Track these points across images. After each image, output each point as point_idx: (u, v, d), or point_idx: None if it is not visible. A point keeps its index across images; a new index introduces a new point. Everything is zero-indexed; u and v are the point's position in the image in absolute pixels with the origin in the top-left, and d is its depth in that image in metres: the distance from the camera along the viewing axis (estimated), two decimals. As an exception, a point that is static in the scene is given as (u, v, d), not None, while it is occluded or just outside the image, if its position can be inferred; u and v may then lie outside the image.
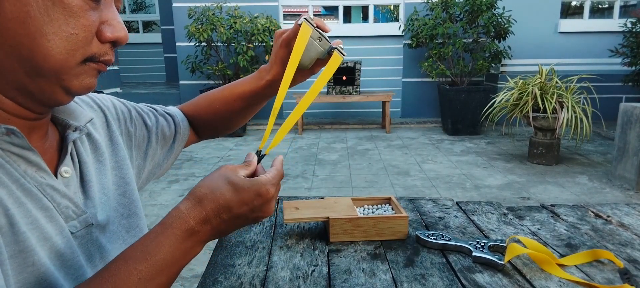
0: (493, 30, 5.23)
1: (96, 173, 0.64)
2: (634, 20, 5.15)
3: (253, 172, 0.61)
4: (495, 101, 4.27)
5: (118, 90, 6.61)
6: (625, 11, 6.22)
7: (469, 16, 5.26)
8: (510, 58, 5.49)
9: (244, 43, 5.29)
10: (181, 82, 6.35)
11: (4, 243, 0.48)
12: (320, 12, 14.32)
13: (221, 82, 5.61)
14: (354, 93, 5.57)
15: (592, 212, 1.05)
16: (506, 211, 1.06)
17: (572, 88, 4.00)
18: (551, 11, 5.99)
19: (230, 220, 0.57)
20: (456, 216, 1.03)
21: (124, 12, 8.55)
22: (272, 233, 0.94)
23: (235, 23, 5.20)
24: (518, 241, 0.84)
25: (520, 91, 4.07)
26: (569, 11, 6.83)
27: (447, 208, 1.08)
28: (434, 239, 0.86)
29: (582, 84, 4.13)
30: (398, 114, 6.50)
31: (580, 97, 4.02)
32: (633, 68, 5.24)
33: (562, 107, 3.87)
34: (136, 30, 8.62)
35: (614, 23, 5.97)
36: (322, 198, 1.01)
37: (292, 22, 0.82)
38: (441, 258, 0.82)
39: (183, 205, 0.56)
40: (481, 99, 5.17)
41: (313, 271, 0.78)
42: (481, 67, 5.26)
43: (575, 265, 0.80)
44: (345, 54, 0.73)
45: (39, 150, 0.55)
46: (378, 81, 6.41)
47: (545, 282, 0.73)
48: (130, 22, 8.64)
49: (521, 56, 5.89)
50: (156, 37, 8.43)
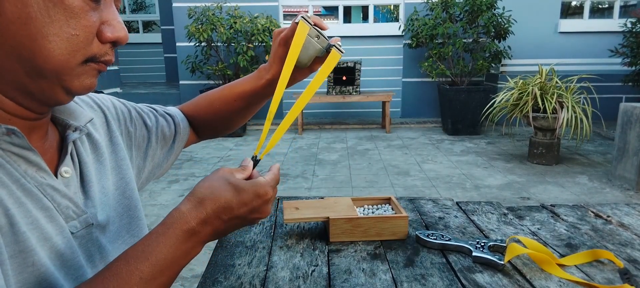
0: (493, 30, 5.23)
1: (96, 173, 0.64)
2: (634, 20, 5.15)
3: (249, 177, 0.62)
4: (495, 101, 4.27)
5: (118, 90, 6.61)
6: (625, 11, 6.21)
7: (469, 16, 5.26)
8: (510, 58, 5.49)
9: (244, 43, 5.29)
10: (181, 82, 6.35)
11: (4, 243, 0.48)
12: (320, 12, 14.31)
13: (221, 82, 5.61)
14: (354, 93, 5.58)
15: (592, 212, 1.05)
16: (506, 211, 1.06)
17: (572, 88, 4.00)
18: (551, 11, 5.99)
19: (230, 220, 0.58)
20: (456, 216, 1.03)
21: (124, 12, 8.55)
22: (272, 233, 0.94)
23: (235, 23, 5.20)
24: (518, 241, 0.84)
25: (520, 91, 4.07)
26: (569, 11, 6.83)
27: (447, 208, 1.08)
28: (434, 239, 0.86)
29: (582, 84, 4.13)
30: (398, 114, 6.50)
31: (580, 97, 4.02)
32: (633, 68, 5.24)
33: (562, 107, 3.87)
34: (136, 30, 8.62)
35: (614, 23, 5.97)
36: (322, 198, 1.01)
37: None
38: (441, 258, 0.82)
39: (184, 205, 0.57)
40: (481, 99, 5.17)
41: (313, 271, 0.78)
42: (481, 67, 5.26)
43: (575, 265, 0.80)
44: (343, 51, 0.73)
45: (39, 150, 0.55)
46: (378, 81, 6.41)
47: (545, 282, 0.73)
48: (130, 22, 8.64)
49: (521, 56, 5.89)
50: (156, 37, 8.44)
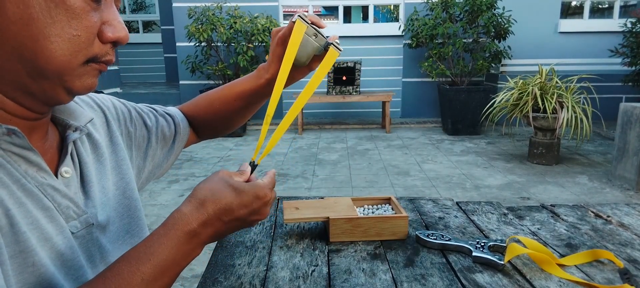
0: (493, 30, 5.23)
1: (96, 173, 0.64)
2: (634, 20, 5.15)
3: (247, 180, 0.63)
4: (495, 101, 4.27)
5: (118, 90, 6.61)
6: (625, 11, 6.21)
7: (469, 16, 5.26)
8: (510, 58, 5.49)
9: (244, 43, 5.29)
10: (181, 82, 6.35)
11: (5, 243, 0.48)
12: (320, 12, 14.30)
13: (221, 82, 5.61)
14: (354, 93, 5.58)
15: (592, 212, 1.05)
16: (506, 211, 1.06)
17: (572, 88, 4.00)
18: (551, 11, 5.99)
19: (230, 222, 0.59)
20: (456, 216, 1.03)
21: (124, 12, 8.55)
22: (272, 233, 0.94)
23: (235, 23, 5.20)
24: (518, 241, 0.84)
25: (520, 91, 4.07)
26: (569, 11, 6.82)
27: (447, 208, 1.08)
28: (434, 239, 0.86)
29: (582, 84, 4.13)
30: (398, 114, 6.50)
31: (580, 97, 4.01)
32: (633, 68, 5.24)
33: (562, 107, 3.87)
34: (136, 30, 8.62)
35: (614, 23, 5.97)
36: (322, 198, 1.01)
37: (291, 22, 0.82)
38: (441, 258, 0.82)
39: (185, 207, 0.57)
40: (481, 99, 5.17)
41: (313, 271, 0.78)
42: (481, 67, 5.26)
43: (575, 265, 0.80)
44: (341, 49, 0.73)
45: (40, 150, 0.56)
46: (378, 81, 6.41)
47: (545, 282, 0.73)
48: (130, 22, 8.64)
49: (521, 56, 5.89)
50: (156, 37, 8.44)
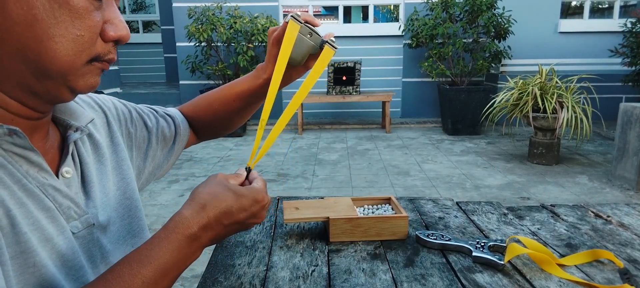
0: (493, 30, 5.23)
1: (97, 173, 0.65)
2: (634, 20, 5.15)
3: (242, 184, 0.66)
4: (495, 101, 4.27)
5: (118, 90, 6.61)
6: (625, 11, 6.21)
7: (469, 16, 5.26)
8: (510, 58, 5.49)
9: (244, 43, 5.29)
10: (181, 82, 6.35)
11: (6, 244, 0.48)
12: (320, 12, 14.29)
13: (221, 82, 5.61)
14: (354, 93, 5.58)
15: (592, 212, 1.05)
16: (506, 211, 1.06)
17: (572, 88, 4.00)
18: (551, 11, 5.99)
19: (230, 225, 0.60)
20: (456, 216, 1.03)
21: (124, 12, 8.55)
22: (272, 233, 0.94)
23: (235, 23, 5.20)
24: (518, 241, 0.84)
25: (520, 91, 4.07)
26: (569, 11, 6.82)
27: (447, 208, 1.08)
28: (434, 239, 0.87)
29: (582, 84, 4.13)
30: (398, 114, 6.50)
31: (580, 97, 4.01)
32: (633, 68, 5.24)
33: (562, 107, 3.87)
34: (136, 30, 8.62)
35: (614, 23, 5.97)
36: (322, 198, 1.01)
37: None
38: (441, 258, 0.82)
39: (186, 211, 0.57)
40: (481, 99, 5.17)
41: (313, 271, 0.78)
42: (481, 67, 5.26)
43: (575, 265, 0.80)
44: (337, 47, 0.73)
45: (41, 150, 0.56)
46: (378, 81, 6.41)
47: (545, 282, 0.73)
48: (130, 22, 8.63)
49: (521, 56, 5.89)
50: (156, 37, 8.44)
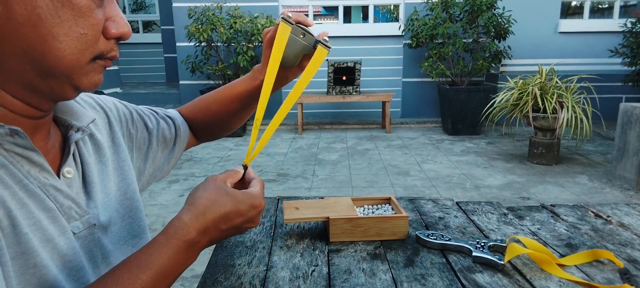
0: (493, 30, 5.23)
1: (98, 174, 0.65)
2: (634, 20, 5.15)
3: (239, 183, 0.67)
4: (495, 101, 4.27)
5: (118, 90, 6.61)
6: (625, 11, 6.21)
7: (469, 16, 5.26)
8: (510, 58, 5.49)
9: (244, 43, 5.29)
10: (181, 82, 6.35)
11: (6, 244, 0.48)
12: (320, 12, 14.31)
13: (221, 82, 5.61)
14: (354, 93, 5.58)
15: (592, 212, 1.05)
16: (506, 211, 1.06)
17: (572, 88, 4.00)
18: (551, 11, 5.99)
19: (227, 230, 0.61)
20: (456, 216, 1.03)
21: (124, 12, 8.55)
22: (272, 233, 0.94)
23: (235, 23, 5.20)
24: (518, 241, 0.84)
25: (520, 91, 4.07)
26: (569, 11, 6.82)
27: (447, 208, 1.08)
28: (434, 239, 0.87)
29: (582, 84, 4.13)
30: (398, 114, 6.50)
31: (580, 97, 4.01)
32: (633, 68, 5.24)
33: (562, 107, 3.88)
34: (136, 30, 8.61)
35: (614, 23, 5.97)
36: (322, 198, 1.01)
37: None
38: (441, 258, 0.82)
39: (186, 216, 0.58)
40: (481, 99, 5.17)
41: (313, 271, 0.78)
42: (481, 67, 5.26)
43: (575, 265, 0.80)
44: (330, 46, 0.73)
45: (42, 150, 0.56)
46: (378, 81, 6.41)
47: (545, 282, 0.73)
48: (130, 22, 8.55)
49: (521, 56, 5.89)
50: (156, 37, 8.44)
